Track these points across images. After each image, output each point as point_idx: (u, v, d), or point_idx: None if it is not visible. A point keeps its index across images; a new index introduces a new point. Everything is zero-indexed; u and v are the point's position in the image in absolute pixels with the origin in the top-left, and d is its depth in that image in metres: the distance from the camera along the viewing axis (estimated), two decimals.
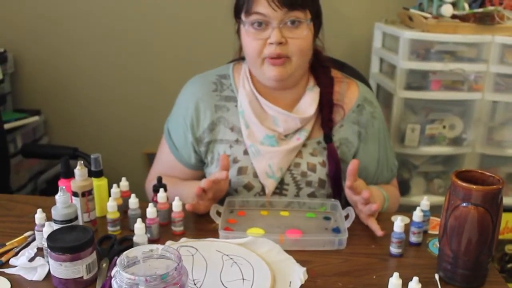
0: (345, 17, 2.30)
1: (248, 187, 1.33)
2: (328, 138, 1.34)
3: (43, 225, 1.05)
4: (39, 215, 1.08)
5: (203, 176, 1.44)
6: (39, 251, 1.08)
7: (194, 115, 1.37)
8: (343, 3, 2.29)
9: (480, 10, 1.92)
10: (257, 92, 1.34)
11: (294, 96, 1.36)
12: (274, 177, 1.31)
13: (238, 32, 1.33)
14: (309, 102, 1.35)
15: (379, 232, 1.16)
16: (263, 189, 1.33)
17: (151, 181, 1.41)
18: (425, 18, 1.95)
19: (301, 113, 1.34)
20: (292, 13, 1.21)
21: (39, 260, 1.03)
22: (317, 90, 1.36)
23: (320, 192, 1.35)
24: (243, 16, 1.26)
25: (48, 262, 0.99)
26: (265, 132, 1.32)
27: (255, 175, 1.33)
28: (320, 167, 1.34)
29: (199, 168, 1.43)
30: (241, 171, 1.33)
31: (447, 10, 1.95)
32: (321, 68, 1.39)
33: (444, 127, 2.05)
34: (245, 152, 1.33)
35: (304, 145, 1.34)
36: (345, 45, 2.31)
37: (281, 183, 1.33)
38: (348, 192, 1.22)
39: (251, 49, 1.26)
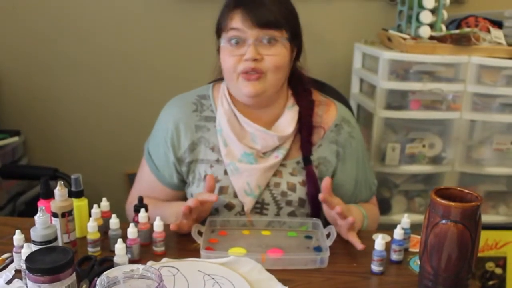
0: (325, 37, 2.33)
1: (228, 207, 1.33)
2: (307, 160, 1.35)
3: (21, 247, 1.03)
4: (18, 236, 1.07)
5: (184, 197, 1.43)
6: (17, 273, 1.06)
7: (175, 135, 1.37)
8: (323, 24, 2.32)
9: (457, 31, 1.96)
10: (236, 109, 1.35)
11: (273, 115, 1.37)
12: (253, 194, 1.32)
13: (218, 50, 1.34)
14: (288, 121, 1.36)
15: (359, 245, 1.16)
16: (243, 208, 1.33)
17: (131, 203, 1.40)
18: (404, 39, 1.98)
19: (280, 131, 1.35)
20: (267, 31, 1.24)
21: (17, 282, 1.02)
22: (296, 109, 1.37)
23: (300, 211, 1.35)
24: (222, 34, 1.29)
25: (26, 284, 0.97)
26: (243, 150, 1.33)
27: (236, 195, 1.33)
28: (300, 187, 1.34)
29: (181, 188, 1.42)
30: (222, 190, 1.33)
31: (425, 31, 2.00)
32: (303, 90, 1.40)
33: (424, 146, 2.07)
34: (226, 172, 1.34)
35: (283, 165, 1.35)
36: (325, 65, 2.34)
37: (261, 203, 1.34)
38: (326, 210, 1.23)
39: (227, 64, 1.28)
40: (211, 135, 1.36)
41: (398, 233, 1.15)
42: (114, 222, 1.17)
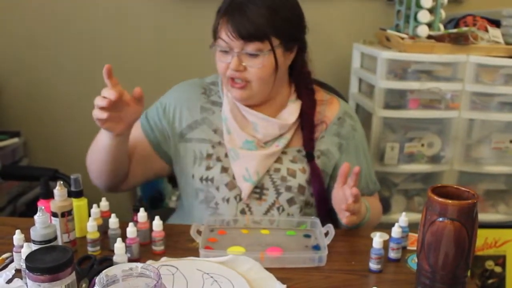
0: (324, 37, 2.33)
1: (229, 187, 1.35)
2: (310, 156, 1.37)
3: (21, 246, 1.03)
4: (18, 236, 1.07)
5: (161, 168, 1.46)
6: (17, 273, 1.06)
7: (178, 108, 1.41)
8: (322, 24, 2.32)
9: (455, 30, 1.96)
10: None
11: (276, 107, 1.40)
12: (251, 180, 1.34)
13: None
14: (290, 112, 1.39)
15: (355, 190, 1.18)
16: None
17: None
18: (402, 38, 1.99)
19: (282, 120, 1.38)
20: (250, 44, 1.26)
21: (17, 281, 1.02)
22: (298, 103, 1.41)
23: (299, 198, 1.37)
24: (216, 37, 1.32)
25: (26, 283, 0.98)
26: (245, 137, 1.36)
27: (235, 177, 1.36)
28: (300, 173, 1.36)
29: (160, 151, 1.42)
30: (223, 170, 1.35)
31: (423, 30, 2.00)
32: (305, 87, 1.43)
33: (422, 145, 2.08)
34: (227, 155, 1.37)
35: (284, 152, 1.38)
36: (324, 65, 2.34)
37: (260, 188, 1.35)
38: (337, 194, 1.25)
39: (218, 68, 1.34)
40: (215, 118, 1.40)
41: (396, 231, 1.15)
42: (113, 221, 1.17)
